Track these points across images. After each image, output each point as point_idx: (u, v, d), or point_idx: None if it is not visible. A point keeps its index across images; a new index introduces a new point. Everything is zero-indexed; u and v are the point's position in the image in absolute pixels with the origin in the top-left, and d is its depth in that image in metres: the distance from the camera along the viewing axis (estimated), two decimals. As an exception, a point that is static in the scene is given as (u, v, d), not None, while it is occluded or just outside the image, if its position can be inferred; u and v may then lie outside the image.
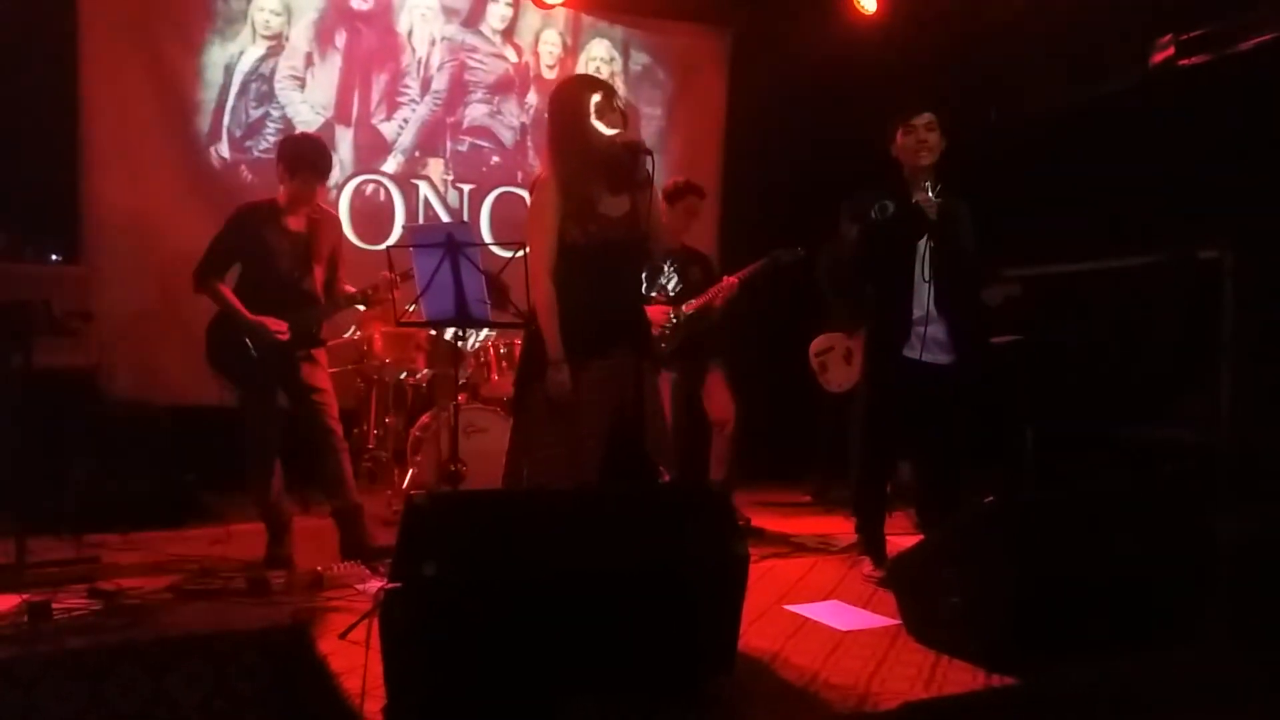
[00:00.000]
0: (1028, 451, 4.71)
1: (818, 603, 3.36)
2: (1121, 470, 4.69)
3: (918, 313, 3.56)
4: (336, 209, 5.74)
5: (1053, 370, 4.86)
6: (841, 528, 4.51)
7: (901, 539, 3.88)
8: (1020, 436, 4.74)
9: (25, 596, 2.97)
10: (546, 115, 3.10)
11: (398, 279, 3.84)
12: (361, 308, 4.14)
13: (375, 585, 3.30)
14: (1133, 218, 4.74)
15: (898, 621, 3.03)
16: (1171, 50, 4.79)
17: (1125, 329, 4.79)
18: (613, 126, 2.90)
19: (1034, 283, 4.97)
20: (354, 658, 2.49)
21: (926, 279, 3.54)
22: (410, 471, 4.90)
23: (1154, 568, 2.86)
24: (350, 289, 4.02)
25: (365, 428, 5.38)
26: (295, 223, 3.87)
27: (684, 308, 4.58)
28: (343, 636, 2.75)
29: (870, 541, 3.75)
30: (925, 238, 3.53)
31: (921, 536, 3.65)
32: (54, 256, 5.02)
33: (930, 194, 3.49)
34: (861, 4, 6.16)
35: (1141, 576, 2.83)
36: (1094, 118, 5.12)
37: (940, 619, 2.83)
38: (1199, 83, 4.66)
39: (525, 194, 6.28)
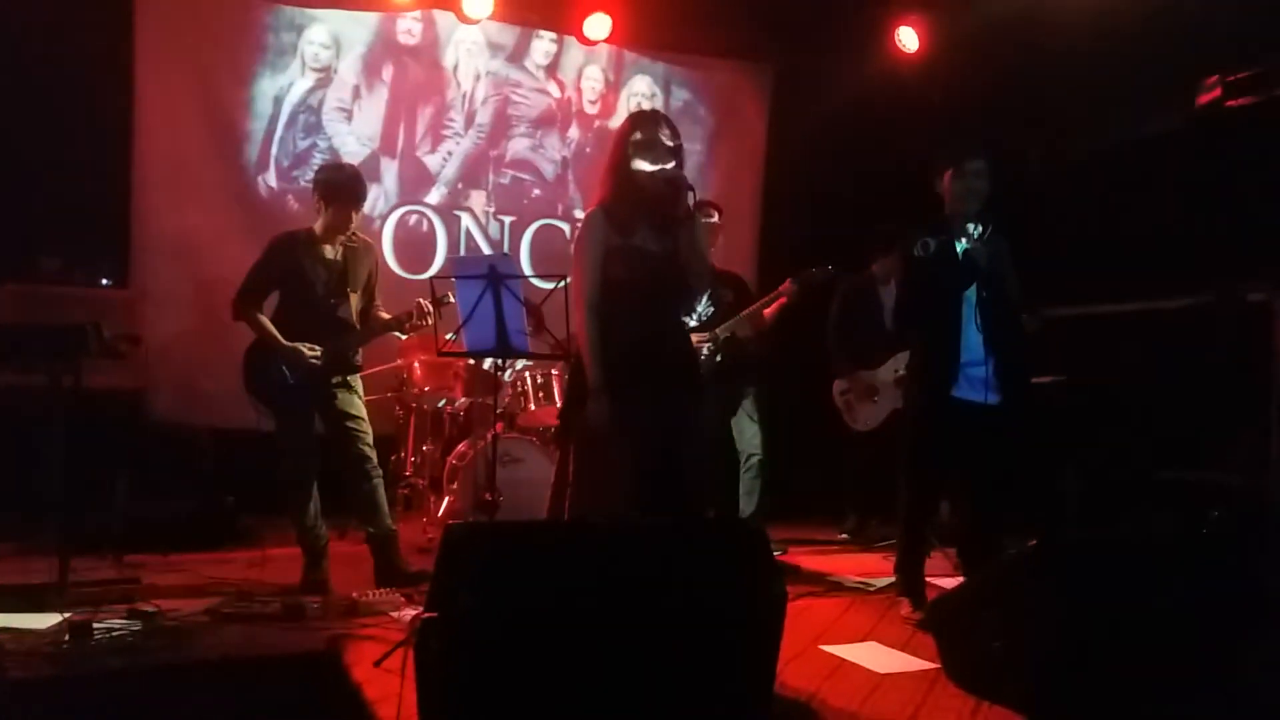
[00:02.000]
0: (1071, 494, 4.63)
1: (855, 643, 3.31)
2: (1167, 514, 4.59)
3: (965, 356, 3.52)
4: (380, 239, 5.83)
5: (1097, 411, 4.79)
6: (879, 567, 4.44)
7: (941, 580, 3.82)
8: (1063, 478, 4.66)
9: (67, 615, 3.00)
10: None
11: (429, 305, 3.88)
12: (400, 335, 4.18)
13: (409, 613, 3.31)
14: (1179, 258, 4.68)
15: (937, 665, 2.98)
16: (1218, 91, 4.75)
17: (1171, 370, 4.72)
18: (658, 162, 2.91)
19: (1078, 323, 4.93)
20: (388, 686, 2.49)
21: (978, 327, 3.51)
22: (446, 500, 4.92)
23: (1200, 614, 2.79)
24: (386, 315, 4.07)
25: (403, 455, 5.41)
26: (332, 251, 3.94)
27: (716, 331, 4.59)
28: (378, 664, 2.75)
29: (910, 582, 3.69)
30: (975, 285, 3.51)
31: (962, 578, 3.60)
32: (104, 280, 5.15)
33: (976, 235, 3.47)
34: (903, 43, 6.19)
35: (1187, 623, 2.76)
36: (1139, 158, 5.08)
37: (981, 663, 2.77)
38: (1246, 124, 4.61)
39: (565, 226, 6.35)
